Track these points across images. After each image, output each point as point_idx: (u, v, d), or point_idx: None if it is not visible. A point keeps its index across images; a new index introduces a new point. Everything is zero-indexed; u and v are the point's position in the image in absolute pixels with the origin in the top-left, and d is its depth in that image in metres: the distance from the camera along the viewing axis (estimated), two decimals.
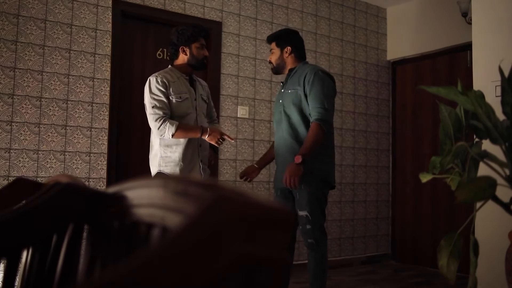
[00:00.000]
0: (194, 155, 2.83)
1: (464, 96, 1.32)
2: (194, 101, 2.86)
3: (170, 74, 2.84)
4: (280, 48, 2.99)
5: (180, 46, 2.87)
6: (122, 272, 0.40)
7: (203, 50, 2.89)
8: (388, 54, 5.49)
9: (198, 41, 2.86)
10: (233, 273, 0.43)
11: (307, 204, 2.79)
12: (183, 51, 2.87)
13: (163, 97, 2.74)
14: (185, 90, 2.84)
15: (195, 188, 0.53)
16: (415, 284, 4.20)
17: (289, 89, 2.92)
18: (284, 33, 3.07)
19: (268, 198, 0.48)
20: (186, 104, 2.81)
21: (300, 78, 2.88)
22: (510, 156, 1.28)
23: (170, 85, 2.78)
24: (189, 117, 2.81)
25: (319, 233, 2.81)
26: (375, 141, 5.32)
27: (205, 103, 2.98)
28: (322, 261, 2.82)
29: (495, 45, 3.25)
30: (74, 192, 0.87)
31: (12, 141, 3.34)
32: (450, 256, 1.26)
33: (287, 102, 2.91)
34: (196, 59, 2.87)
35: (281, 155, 2.94)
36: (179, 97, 2.78)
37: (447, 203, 4.70)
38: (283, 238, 0.46)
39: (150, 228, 0.67)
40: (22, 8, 3.43)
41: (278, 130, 2.98)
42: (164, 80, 2.77)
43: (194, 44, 2.86)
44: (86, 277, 0.83)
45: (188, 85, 2.88)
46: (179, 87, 2.81)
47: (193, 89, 2.89)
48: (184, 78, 2.88)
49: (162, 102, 2.73)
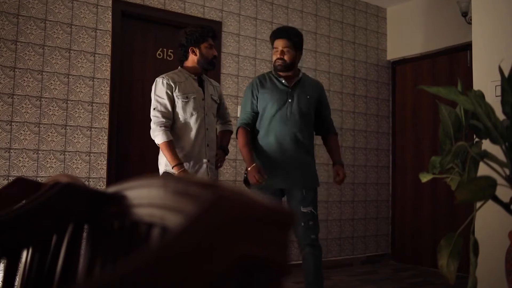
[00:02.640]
0: (200, 155, 2.83)
1: (464, 96, 1.32)
2: (202, 101, 2.87)
3: (178, 75, 2.88)
4: (295, 50, 2.98)
5: (189, 47, 2.90)
6: (122, 272, 0.40)
7: (212, 50, 2.92)
8: (388, 54, 5.49)
9: (207, 41, 2.90)
10: (233, 273, 0.43)
11: (312, 200, 2.91)
12: (192, 52, 2.90)
13: (166, 100, 2.77)
14: (192, 90, 2.85)
15: (195, 188, 0.53)
16: (415, 284, 4.20)
17: (307, 95, 3.00)
18: (301, 37, 3.04)
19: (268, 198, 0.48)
20: (193, 104, 2.81)
21: (317, 91, 3.08)
22: (510, 156, 1.28)
23: (177, 86, 2.80)
24: (196, 117, 2.81)
25: (319, 228, 2.95)
26: (375, 141, 5.32)
27: (215, 103, 2.99)
28: (321, 256, 2.89)
29: (495, 45, 3.24)
30: (74, 192, 0.87)
31: (12, 141, 3.34)
32: (450, 256, 1.26)
33: (305, 105, 2.98)
34: (206, 59, 2.90)
35: (289, 157, 2.90)
36: (185, 97, 2.80)
37: (447, 203, 4.70)
38: (283, 238, 0.46)
39: (150, 228, 0.66)
40: (22, 8, 3.43)
41: (284, 129, 2.92)
42: (170, 82, 2.80)
43: (203, 45, 2.89)
44: (86, 277, 0.83)
45: (196, 85, 2.90)
46: (186, 88, 2.83)
47: (201, 89, 2.90)
48: (192, 79, 2.89)
49: (163, 106, 2.77)
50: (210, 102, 2.93)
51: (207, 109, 2.89)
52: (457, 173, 1.37)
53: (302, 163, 2.95)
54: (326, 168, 4.81)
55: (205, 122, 2.86)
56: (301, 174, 2.93)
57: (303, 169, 2.94)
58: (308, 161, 2.99)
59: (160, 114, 2.75)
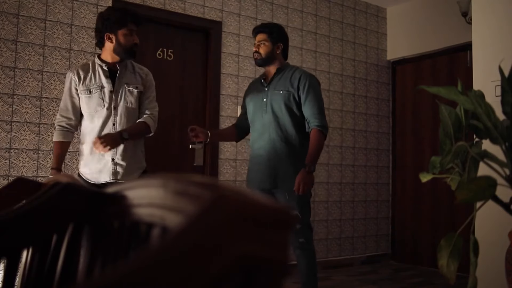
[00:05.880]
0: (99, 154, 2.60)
1: (464, 96, 1.32)
2: (109, 93, 2.61)
3: (87, 67, 2.66)
4: (273, 42, 2.95)
5: (105, 33, 2.60)
6: (122, 272, 0.40)
7: (133, 37, 2.61)
8: (388, 54, 5.49)
9: (126, 27, 2.58)
10: (233, 273, 0.43)
11: (297, 203, 2.81)
12: (108, 39, 2.60)
13: (67, 98, 2.64)
14: (98, 83, 2.61)
15: (195, 188, 0.53)
16: (415, 284, 4.20)
17: (279, 90, 2.89)
18: (278, 28, 3.02)
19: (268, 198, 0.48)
20: (97, 99, 2.59)
21: (293, 81, 2.89)
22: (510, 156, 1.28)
23: (81, 81, 2.62)
24: (100, 113, 2.59)
25: (309, 231, 2.87)
26: (375, 141, 5.32)
27: (132, 93, 2.65)
28: (314, 258, 2.86)
29: (495, 45, 3.24)
30: (74, 192, 0.87)
31: (12, 141, 3.34)
32: (450, 256, 1.26)
33: (277, 102, 2.88)
34: (124, 47, 2.60)
35: (267, 157, 2.88)
36: (88, 91, 2.61)
37: (447, 203, 4.70)
38: (283, 238, 0.46)
39: (150, 228, 0.66)
40: (22, 8, 3.43)
41: (263, 131, 2.91)
42: (76, 76, 2.62)
43: (120, 31, 2.58)
44: (86, 277, 0.83)
45: (104, 76, 2.63)
46: (91, 82, 2.62)
47: (112, 80, 2.63)
48: (102, 69, 2.63)
49: (64, 104, 2.65)
50: (123, 93, 2.63)
51: (117, 102, 2.61)
52: (457, 173, 1.37)
53: (272, 164, 2.85)
54: (326, 168, 4.81)
55: (113, 116, 2.60)
56: (270, 174, 2.86)
57: (272, 169, 2.86)
58: (281, 161, 2.85)
59: (59, 112, 2.67)
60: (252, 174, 2.98)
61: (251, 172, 3.01)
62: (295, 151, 2.87)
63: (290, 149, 2.86)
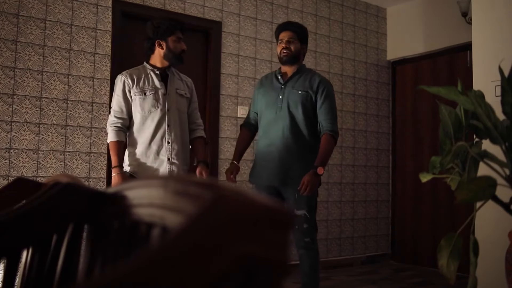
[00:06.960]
0: (160, 151, 2.74)
1: (464, 96, 1.32)
2: (163, 96, 2.77)
3: (139, 71, 2.81)
4: (301, 42, 2.99)
5: (156, 40, 2.78)
6: (122, 272, 0.40)
7: (181, 44, 2.80)
8: (388, 54, 5.49)
9: (175, 34, 2.77)
10: (233, 273, 0.43)
11: (306, 203, 2.82)
12: (159, 45, 2.78)
13: (121, 99, 2.75)
14: (152, 86, 2.76)
15: (195, 188, 0.53)
16: (415, 284, 4.20)
17: (298, 90, 2.90)
18: (306, 30, 3.06)
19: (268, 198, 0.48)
20: (152, 101, 2.73)
21: (312, 83, 2.92)
22: (510, 156, 1.28)
23: (135, 83, 2.74)
24: (154, 114, 2.73)
25: (314, 231, 2.87)
26: (375, 141, 5.32)
27: (183, 98, 2.86)
28: (317, 258, 2.86)
29: (495, 45, 3.24)
30: (74, 192, 0.87)
31: (12, 141, 3.34)
32: (450, 256, 1.26)
33: (294, 101, 2.88)
34: (173, 53, 2.78)
35: (278, 154, 2.86)
36: (143, 93, 2.74)
37: (447, 203, 4.69)
38: (283, 238, 0.46)
39: (150, 228, 0.67)
40: (22, 8, 3.43)
41: (276, 128, 2.90)
42: (129, 79, 2.75)
43: (170, 38, 2.76)
44: (86, 277, 0.83)
45: (157, 80, 2.79)
46: (145, 84, 2.76)
47: (164, 83, 2.79)
48: (154, 74, 2.79)
49: (118, 105, 2.75)
50: (174, 96, 2.81)
51: (170, 104, 2.77)
52: (457, 173, 1.37)
53: (284, 162, 2.84)
54: (326, 168, 4.81)
55: (167, 118, 2.75)
56: (280, 171, 2.85)
57: (283, 167, 2.85)
58: (292, 160, 2.85)
59: (113, 114, 2.76)
60: (259, 170, 2.95)
61: (257, 167, 2.97)
62: (306, 151, 2.88)
63: (302, 148, 2.87)
